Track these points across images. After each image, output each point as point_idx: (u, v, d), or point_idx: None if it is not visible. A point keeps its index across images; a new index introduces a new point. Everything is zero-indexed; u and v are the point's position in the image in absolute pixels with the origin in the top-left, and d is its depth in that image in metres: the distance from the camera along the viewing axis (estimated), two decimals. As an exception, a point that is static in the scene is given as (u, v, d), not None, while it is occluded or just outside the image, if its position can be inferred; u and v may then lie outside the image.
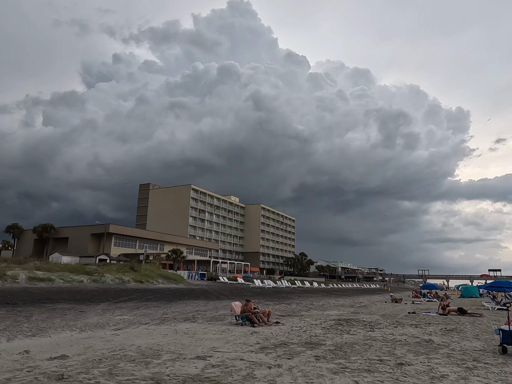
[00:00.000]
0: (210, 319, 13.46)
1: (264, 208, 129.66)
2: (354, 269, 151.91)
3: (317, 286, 60.79)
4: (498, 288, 24.97)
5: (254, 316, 12.17)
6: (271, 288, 39.84)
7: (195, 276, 54.20)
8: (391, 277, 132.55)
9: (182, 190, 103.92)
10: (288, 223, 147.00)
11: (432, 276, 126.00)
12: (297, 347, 8.20)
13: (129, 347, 7.70)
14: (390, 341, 9.31)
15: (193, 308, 17.20)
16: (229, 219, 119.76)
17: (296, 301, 25.36)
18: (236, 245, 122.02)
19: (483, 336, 10.81)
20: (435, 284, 59.60)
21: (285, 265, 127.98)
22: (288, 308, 19.80)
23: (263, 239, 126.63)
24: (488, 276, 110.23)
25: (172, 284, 31.54)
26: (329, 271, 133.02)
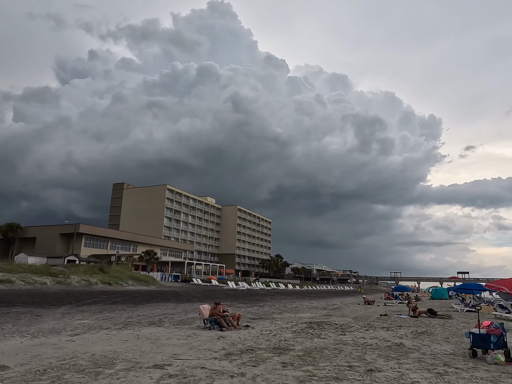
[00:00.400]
0: (178, 322, 12.89)
1: (241, 210, 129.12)
2: (329, 271, 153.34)
3: (292, 288, 60.74)
4: (467, 290, 25.47)
5: (223, 320, 11.69)
6: (245, 290, 39.38)
7: (168, 278, 53.09)
8: (365, 279, 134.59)
9: (157, 190, 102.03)
10: (265, 225, 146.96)
11: (404, 278, 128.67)
12: (265, 353, 7.80)
13: (82, 355, 7.09)
14: (361, 345, 9.05)
15: (161, 311, 16.53)
16: (205, 220, 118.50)
17: (269, 304, 25.01)
18: (211, 246, 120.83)
19: (453, 339, 10.74)
20: (406, 286, 60.76)
21: (261, 267, 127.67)
22: (261, 311, 19.40)
23: (239, 240, 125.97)
24: (457, 278, 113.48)
25: (143, 286, 30.59)
26: (304, 273, 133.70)
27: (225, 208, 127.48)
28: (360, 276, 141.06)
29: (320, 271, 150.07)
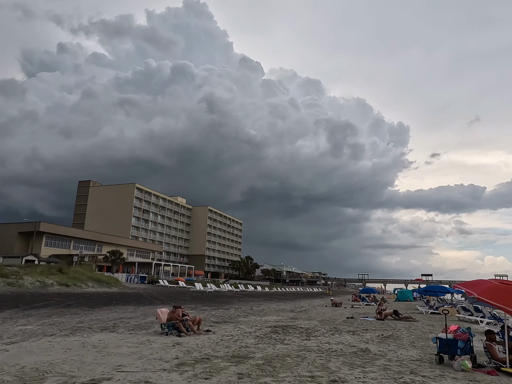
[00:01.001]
0: (134, 327, 12.00)
1: (211, 211, 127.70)
2: (299, 273, 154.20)
3: (261, 290, 60.29)
4: (432, 292, 25.82)
5: (182, 325, 10.93)
6: (213, 292, 38.49)
7: (134, 279, 51.37)
8: (333, 281, 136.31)
9: (125, 188, 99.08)
10: (236, 226, 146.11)
11: (371, 280, 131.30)
12: (221, 361, 7.15)
13: (10, 368, 6.18)
14: (325, 352, 8.56)
15: (118, 314, 15.51)
16: (175, 221, 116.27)
17: (236, 306, 24.34)
18: (181, 247, 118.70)
19: (419, 343, 10.48)
20: (373, 288, 61.69)
21: (231, 268, 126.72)
22: (225, 314, 18.70)
23: (210, 241, 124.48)
24: (421, 280, 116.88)
25: (104, 288, 29.15)
26: (274, 275, 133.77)
27: (195, 209, 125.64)
28: (329, 278, 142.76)
29: (290, 273, 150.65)
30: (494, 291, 7.37)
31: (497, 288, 7.49)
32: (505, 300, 7.08)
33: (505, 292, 7.33)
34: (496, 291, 7.39)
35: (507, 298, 7.13)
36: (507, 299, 7.11)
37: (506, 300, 7.08)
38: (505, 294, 7.27)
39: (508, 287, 7.46)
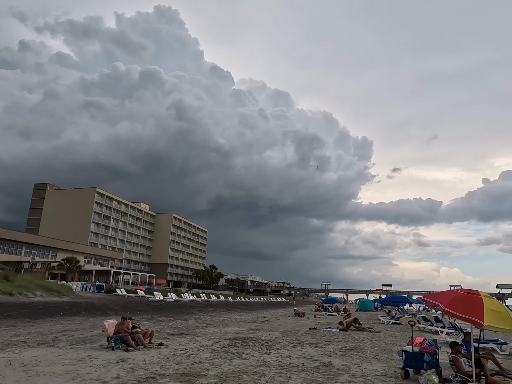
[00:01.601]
0: (77, 341, 10.84)
1: (176, 218, 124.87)
2: (263, 282, 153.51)
3: (224, 299, 59.03)
4: (393, 302, 25.95)
5: (131, 338, 9.94)
6: (173, 301, 36.97)
7: (90, 288, 48.76)
8: (297, 291, 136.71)
9: (85, 193, 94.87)
10: (200, 235, 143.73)
11: (334, 290, 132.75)
12: (169, 381, 6.32)
13: None
14: (285, 367, 7.91)
15: (62, 326, 14.13)
16: (137, 228, 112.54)
17: (196, 317, 23.28)
18: (143, 255, 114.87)
19: (382, 356, 10.07)
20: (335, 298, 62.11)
21: (194, 277, 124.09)
22: (183, 325, 17.68)
23: (173, 250, 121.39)
24: (382, 290, 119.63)
25: (54, 297, 27.13)
26: (238, 284, 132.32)
27: (159, 216, 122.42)
28: (293, 288, 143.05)
29: (254, 282, 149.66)
30: (460, 302, 7.04)
31: (462, 298, 7.17)
32: (471, 311, 6.74)
33: (470, 301, 7.01)
34: (461, 301, 7.07)
35: (472, 308, 6.80)
36: (472, 309, 6.79)
37: (471, 311, 6.74)
38: (470, 304, 6.95)
39: (472, 297, 7.15)
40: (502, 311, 6.94)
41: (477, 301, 6.99)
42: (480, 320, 6.55)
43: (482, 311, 6.71)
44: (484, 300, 6.98)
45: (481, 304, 6.87)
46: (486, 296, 7.17)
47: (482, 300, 6.98)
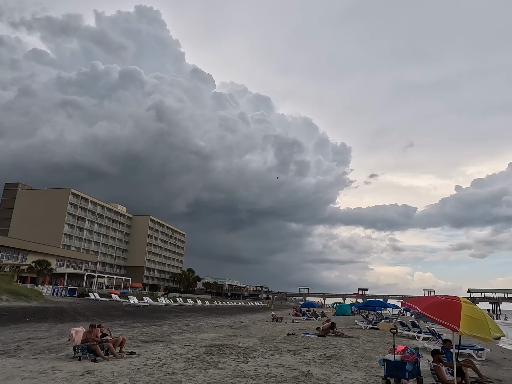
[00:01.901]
0: (42, 350, 10.15)
1: (153, 220, 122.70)
2: (241, 286, 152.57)
3: (201, 304, 58.13)
4: (370, 307, 26.01)
5: (100, 347, 9.36)
6: (148, 306, 35.99)
7: (61, 292, 47.03)
8: (275, 295, 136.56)
9: (59, 193, 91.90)
10: (178, 238, 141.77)
11: (311, 294, 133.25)
12: (138, 396, 5.86)
13: None
14: (263, 378, 7.55)
15: (27, 334, 13.31)
16: (113, 230, 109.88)
17: (171, 322, 22.60)
18: (118, 258, 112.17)
19: (362, 363, 9.84)
20: (313, 303, 62.18)
21: (171, 281, 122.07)
22: (158, 331, 17.05)
23: (150, 253, 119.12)
24: (358, 294, 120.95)
25: (21, 302, 25.86)
26: (216, 288, 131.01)
27: (136, 218, 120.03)
28: (270, 292, 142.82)
29: (232, 286, 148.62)
30: (437, 306, 6.89)
31: (440, 302, 7.02)
32: (447, 316, 6.59)
33: (448, 306, 6.87)
34: (439, 306, 6.92)
35: (449, 313, 6.65)
36: (449, 314, 6.63)
37: (447, 316, 6.59)
38: (447, 308, 6.80)
39: (451, 302, 7.01)
40: (481, 319, 6.81)
41: (455, 306, 6.85)
42: (455, 326, 6.40)
43: (458, 317, 6.56)
44: (463, 306, 6.84)
45: (458, 309, 6.73)
46: (466, 302, 7.04)
47: (460, 305, 6.85)
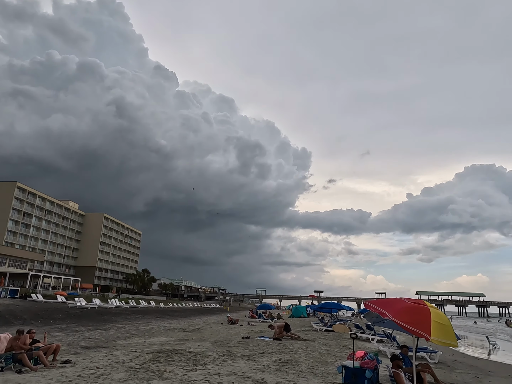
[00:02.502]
0: (-41, 360, 8.79)
1: (108, 219, 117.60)
2: (198, 288, 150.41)
3: (154, 305, 56.14)
4: (326, 309, 26.01)
5: (27, 356, 8.23)
6: (96, 308, 33.96)
7: (1, 293, 43.51)
8: (232, 297, 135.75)
9: (3, 187, 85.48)
10: (134, 237, 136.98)
11: (268, 296, 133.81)
12: (61, 416, 4.96)
13: None
14: (213, 388, 6.86)
15: None
16: (63, 227, 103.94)
17: (119, 325, 21.25)
18: (68, 257, 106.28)
19: (318, 369, 9.40)
20: (269, 305, 62.11)
21: (125, 282, 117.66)
22: (103, 336, 15.81)
23: (103, 252, 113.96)
24: (314, 296, 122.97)
25: (-51, 304, 23.33)
26: (172, 289, 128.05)
27: (89, 216, 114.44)
28: (227, 294, 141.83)
29: (189, 287, 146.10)
30: (408, 312, 6.56)
31: (410, 308, 6.70)
32: (419, 323, 6.27)
33: (418, 313, 6.56)
34: (409, 312, 6.59)
35: (420, 320, 6.33)
36: (420, 321, 6.32)
37: (419, 323, 6.27)
38: (418, 315, 6.49)
39: (420, 307, 6.72)
40: (447, 324, 6.57)
41: (425, 312, 6.56)
42: (427, 334, 6.09)
43: (429, 324, 6.27)
44: (432, 312, 6.56)
45: (428, 316, 6.44)
46: (433, 307, 6.78)
47: (429, 311, 6.56)
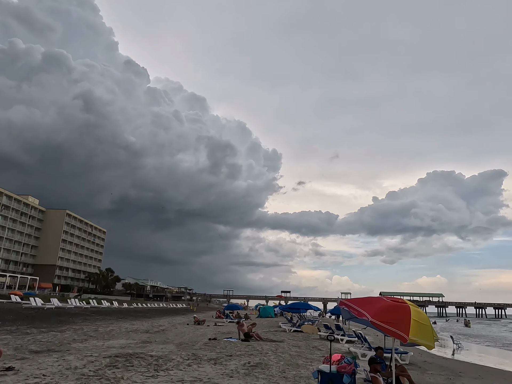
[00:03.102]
0: None
1: (70, 215, 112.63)
2: (164, 287, 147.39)
3: (117, 306, 54.05)
4: (295, 309, 25.67)
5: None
6: (54, 308, 32.01)
7: None
8: (199, 297, 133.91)
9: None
10: (98, 235, 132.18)
11: (235, 296, 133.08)
12: None
13: None
14: (174, 398, 6.13)
15: None
16: (21, 223, 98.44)
17: (77, 327, 19.91)
18: (25, 255, 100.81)
19: (290, 373, 8.85)
20: (237, 305, 61.43)
21: (87, 281, 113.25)
22: (57, 338, 14.59)
23: (64, 250, 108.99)
24: (282, 297, 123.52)
25: None
26: (137, 289, 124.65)
27: (50, 212, 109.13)
28: (195, 294, 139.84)
29: (155, 287, 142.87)
30: (387, 312, 6.10)
31: (389, 307, 6.26)
32: (398, 323, 5.83)
33: (397, 311, 6.13)
34: (389, 311, 6.14)
35: (399, 320, 5.89)
36: (400, 320, 5.88)
37: (398, 323, 5.83)
38: (397, 314, 6.05)
39: (400, 306, 6.29)
40: (427, 324, 6.18)
41: (405, 311, 6.12)
42: (405, 335, 5.65)
43: (408, 323, 5.83)
44: (412, 310, 6.14)
45: (408, 314, 6.01)
46: (413, 306, 6.36)
47: (409, 309, 6.13)
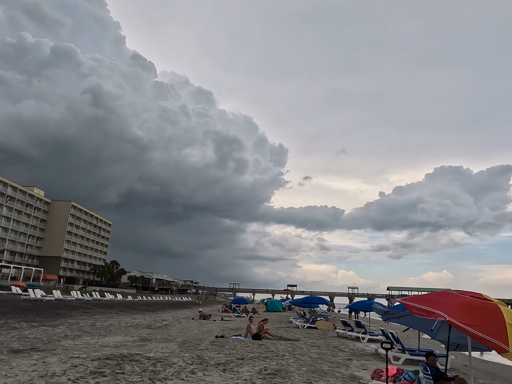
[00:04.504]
0: None
1: (75, 207, 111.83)
2: (170, 281, 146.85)
3: (121, 298, 52.87)
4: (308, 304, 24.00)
5: None
6: (53, 301, 30.70)
7: None
8: (205, 290, 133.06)
9: (-41, 169, 79.33)
10: (104, 228, 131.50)
11: (241, 290, 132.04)
12: None
13: None
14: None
15: None
16: (27, 215, 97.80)
17: (72, 321, 18.43)
18: (31, 246, 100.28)
19: (317, 383, 7.16)
20: (244, 298, 59.99)
21: (92, 273, 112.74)
22: (46, 334, 13.06)
23: (69, 242, 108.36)
24: (289, 290, 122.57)
25: None
26: (142, 282, 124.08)
27: (55, 203, 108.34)
28: (200, 287, 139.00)
29: (160, 280, 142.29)
30: (471, 312, 4.35)
31: (472, 305, 4.49)
32: (492, 328, 4.08)
33: (485, 312, 4.37)
34: (473, 311, 4.38)
35: (491, 324, 4.15)
36: (492, 325, 4.14)
37: (492, 328, 4.08)
38: (486, 316, 4.30)
39: (486, 304, 4.53)
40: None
41: (495, 311, 4.35)
42: (505, 344, 3.90)
43: (504, 328, 4.08)
44: (503, 310, 4.38)
45: (501, 317, 4.25)
46: (501, 304, 4.59)
47: (500, 310, 4.38)
